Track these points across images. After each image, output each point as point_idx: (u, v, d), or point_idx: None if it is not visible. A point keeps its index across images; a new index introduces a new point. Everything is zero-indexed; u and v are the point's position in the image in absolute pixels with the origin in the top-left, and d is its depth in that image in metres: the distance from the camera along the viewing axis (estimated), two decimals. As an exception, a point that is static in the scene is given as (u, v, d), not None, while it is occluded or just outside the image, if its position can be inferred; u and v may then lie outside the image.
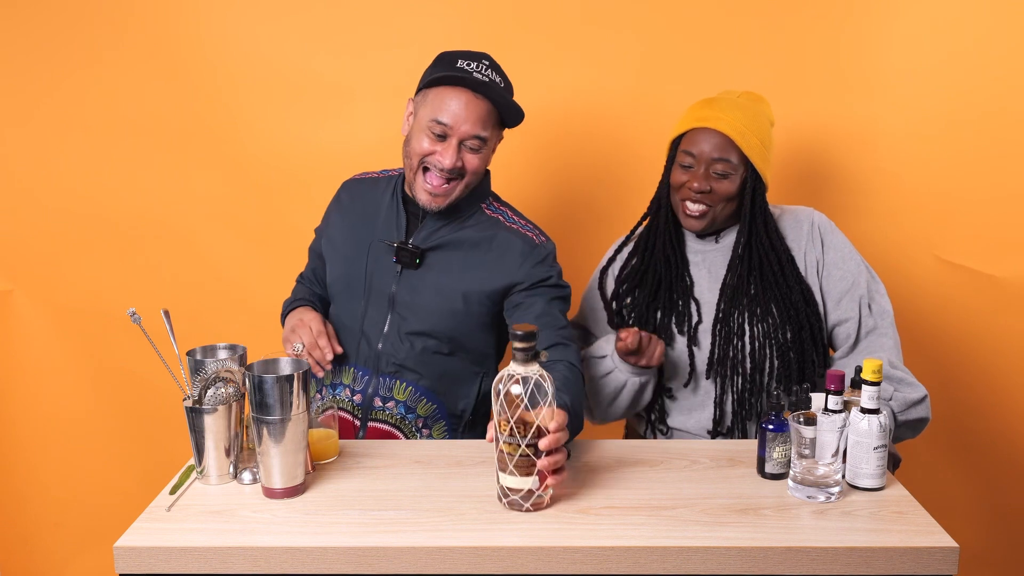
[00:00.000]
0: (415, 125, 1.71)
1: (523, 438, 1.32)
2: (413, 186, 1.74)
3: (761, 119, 1.78)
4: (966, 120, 2.19)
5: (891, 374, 1.66)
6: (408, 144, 1.73)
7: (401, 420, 1.80)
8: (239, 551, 1.27)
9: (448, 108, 1.66)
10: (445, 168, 1.68)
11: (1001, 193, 2.21)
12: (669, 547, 1.26)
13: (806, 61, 2.19)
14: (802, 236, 1.82)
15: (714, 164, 1.75)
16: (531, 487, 1.35)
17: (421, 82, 1.73)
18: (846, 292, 1.77)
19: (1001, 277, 2.23)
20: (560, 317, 1.73)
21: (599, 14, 2.19)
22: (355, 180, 1.92)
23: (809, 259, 1.80)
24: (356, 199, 1.87)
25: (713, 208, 1.77)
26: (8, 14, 2.18)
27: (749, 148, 1.74)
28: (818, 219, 1.84)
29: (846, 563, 1.26)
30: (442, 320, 1.75)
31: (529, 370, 1.33)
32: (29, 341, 2.34)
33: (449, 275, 1.75)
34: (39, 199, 2.27)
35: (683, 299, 1.83)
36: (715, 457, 1.59)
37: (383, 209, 1.82)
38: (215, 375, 1.44)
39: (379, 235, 1.79)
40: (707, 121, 1.75)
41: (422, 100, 1.71)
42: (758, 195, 1.78)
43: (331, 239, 1.87)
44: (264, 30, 2.20)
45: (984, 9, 2.14)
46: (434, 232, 1.77)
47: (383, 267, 1.78)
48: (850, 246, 1.82)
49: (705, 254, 1.85)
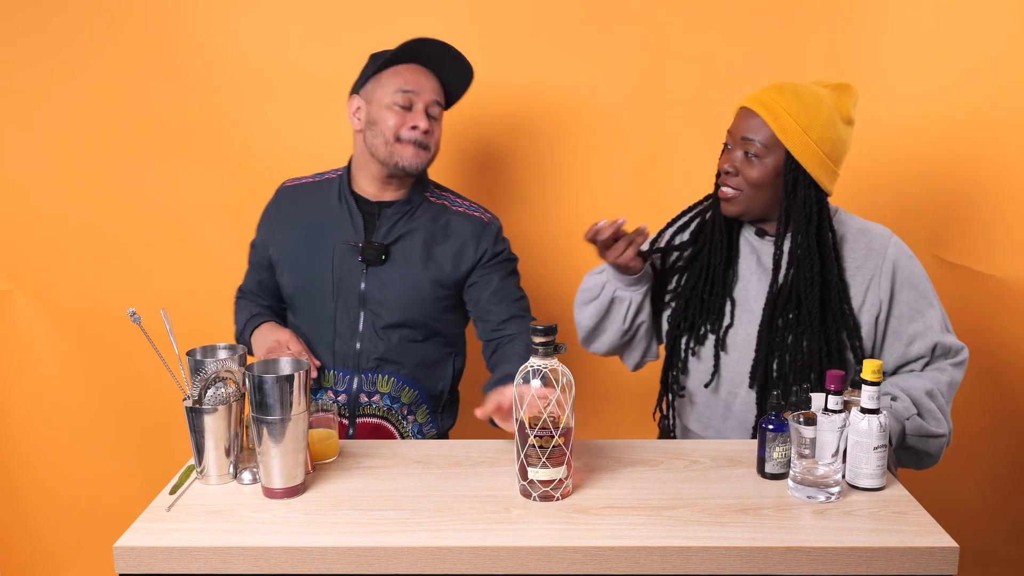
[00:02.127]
0: (373, 110, 1.79)
1: (555, 430, 1.36)
2: (391, 158, 1.79)
3: (819, 108, 1.62)
4: (966, 120, 2.18)
5: (920, 400, 1.61)
6: (375, 127, 1.79)
7: (388, 411, 1.86)
8: (239, 551, 1.27)
9: (408, 78, 1.78)
10: (420, 128, 1.77)
11: (1001, 193, 2.20)
12: (669, 547, 1.26)
13: (806, 61, 2.19)
14: (869, 268, 1.67)
15: (745, 145, 1.64)
16: (561, 476, 1.39)
17: (362, 79, 1.83)
18: (919, 335, 1.66)
19: (1001, 277, 2.23)
20: (515, 290, 1.88)
21: (599, 14, 2.19)
22: (291, 187, 1.92)
23: (871, 296, 1.67)
24: (298, 205, 1.88)
25: (744, 192, 1.65)
26: (8, 14, 2.18)
27: (784, 133, 1.60)
28: (892, 253, 1.67)
29: (846, 563, 1.26)
30: (414, 309, 1.82)
31: (551, 363, 1.37)
32: (29, 341, 2.33)
33: (413, 265, 1.82)
34: (39, 199, 2.27)
35: (720, 297, 1.72)
36: (715, 457, 1.59)
37: (332, 211, 1.85)
38: (215, 375, 1.44)
39: (335, 237, 1.83)
40: (751, 102, 1.66)
41: (374, 87, 1.80)
42: (802, 190, 1.63)
43: (283, 248, 1.87)
44: (264, 31, 2.20)
45: (984, 9, 2.14)
46: (392, 227, 1.83)
47: (348, 267, 1.82)
48: (926, 282, 1.69)
49: (762, 253, 1.73)
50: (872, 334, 1.68)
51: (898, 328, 1.68)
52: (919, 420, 1.60)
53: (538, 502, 1.40)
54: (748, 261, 1.74)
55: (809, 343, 1.65)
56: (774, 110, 1.62)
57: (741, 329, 1.72)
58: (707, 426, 1.78)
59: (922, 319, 1.67)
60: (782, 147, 1.63)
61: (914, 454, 1.65)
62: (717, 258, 1.73)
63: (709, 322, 1.73)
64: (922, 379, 1.65)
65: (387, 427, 1.87)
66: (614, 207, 2.25)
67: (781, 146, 1.63)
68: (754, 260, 1.74)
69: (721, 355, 1.73)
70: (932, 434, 1.61)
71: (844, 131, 1.66)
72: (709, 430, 1.78)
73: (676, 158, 2.24)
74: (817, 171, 1.63)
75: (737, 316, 1.72)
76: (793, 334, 1.66)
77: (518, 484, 1.43)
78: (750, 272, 1.73)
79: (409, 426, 1.89)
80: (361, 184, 1.86)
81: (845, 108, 1.66)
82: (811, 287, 1.64)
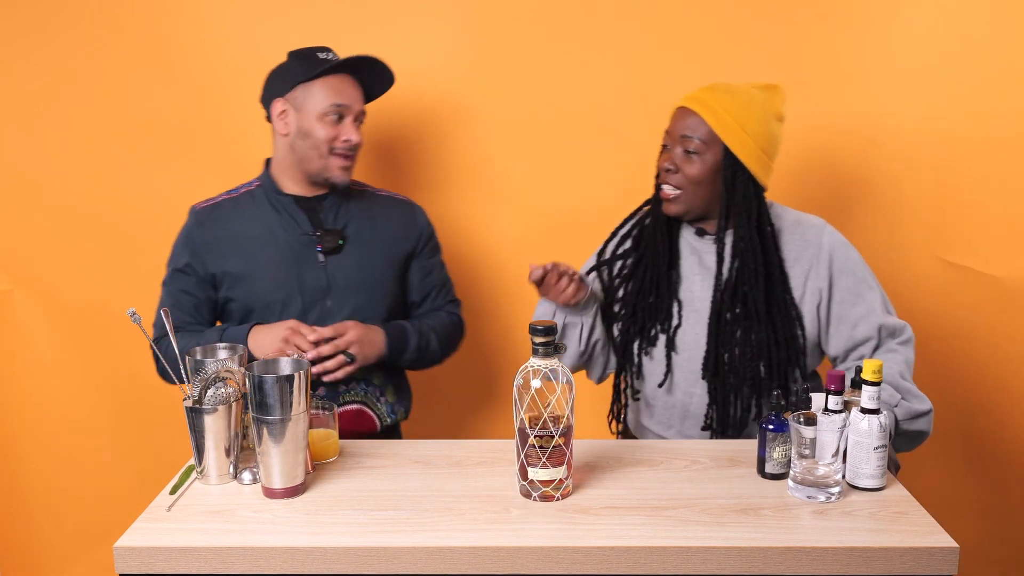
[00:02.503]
0: (304, 119, 1.82)
1: (555, 430, 1.36)
2: (323, 172, 1.84)
3: (753, 105, 1.68)
4: (966, 120, 2.18)
5: (899, 384, 1.63)
6: (308, 137, 1.82)
7: (365, 395, 1.91)
8: (239, 551, 1.27)
9: (341, 92, 1.83)
10: (354, 143, 1.84)
11: (1001, 193, 2.20)
12: (669, 547, 1.26)
13: (806, 61, 2.19)
14: (806, 259, 1.72)
15: (684, 142, 1.68)
16: (561, 476, 1.39)
17: (289, 82, 1.83)
18: (863, 318, 1.69)
19: (1002, 277, 2.23)
20: (447, 276, 2.05)
21: (598, 14, 2.19)
22: (208, 207, 1.90)
23: (811, 286, 1.71)
24: (228, 222, 1.87)
25: (685, 191, 1.69)
26: (9, 15, 2.18)
27: (722, 128, 1.65)
28: (827, 242, 1.73)
29: (846, 563, 1.26)
30: (377, 289, 1.90)
31: (551, 364, 1.37)
32: (29, 341, 2.33)
33: (367, 247, 1.90)
34: (39, 199, 2.27)
35: (667, 299, 1.76)
36: (715, 457, 1.59)
37: (270, 217, 1.87)
38: (215, 375, 1.44)
39: (284, 239, 1.85)
40: (687, 101, 1.70)
41: (303, 95, 1.82)
42: (740, 185, 1.68)
43: (230, 265, 1.85)
44: (265, 31, 2.20)
45: (984, 8, 2.14)
46: (336, 215, 1.89)
47: (305, 264, 1.85)
48: (863, 266, 1.73)
49: (703, 253, 1.77)
50: (816, 322, 1.73)
51: (841, 313, 1.72)
52: (906, 403, 1.62)
53: (538, 502, 1.40)
54: (689, 262, 1.78)
55: (757, 335, 1.69)
56: (711, 107, 1.67)
57: (689, 329, 1.75)
58: (668, 426, 1.80)
59: (863, 303, 1.71)
60: (720, 142, 1.67)
61: (908, 437, 1.66)
62: (660, 260, 1.77)
63: (658, 322, 1.77)
64: (888, 364, 1.66)
65: (366, 412, 1.91)
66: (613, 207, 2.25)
67: (719, 141, 1.67)
68: (695, 260, 1.77)
69: (673, 356, 1.76)
70: (920, 412, 1.63)
71: (776, 127, 1.72)
72: (671, 431, 1.80)
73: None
74: (754, 165, 1.68)
75: (684, 316, 1.76)
76: (741, 327, 1.70)
77: (518, 484, 1.43)
78: (692, 273, 1.77)
79: (384, 407, 1.94)
80: (287, 186, 1.89)
81: (776, 105, 1.73)
82: (755, 279, 1.69)
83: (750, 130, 1.67)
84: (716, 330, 1.71)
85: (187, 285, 1.88)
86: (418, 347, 1.91)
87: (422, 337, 1.92)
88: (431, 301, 2.01)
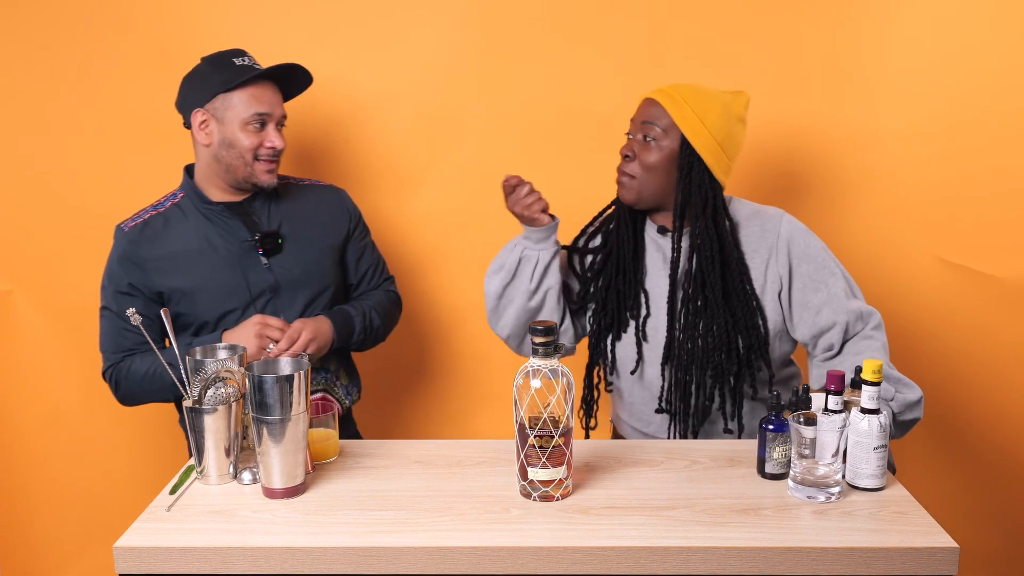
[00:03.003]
0: (227, 129, 1.81)
1: (555, 430, 1.37)
2: (249, 178, 1.84)
3: (714, 102, 1.71)
4: (966, 120, 2.18)
5: (889, 374, 1.64)
6: (232, 147, 1.82)
7: (325, 382, 1.95)
8: (239, 551, 1.27)
9: (262, 100, 1.82)
10: (279, 149, 1.84)
11: (1001, 193, 2.21)
12: (669, 547, 1.26)
13: (805, 61, 2.19)
14: (764, 248, 1.74)
15: (643, 128, 1.72)
16: (561, 476, 1.39)
17: (208, 92, 1.81)
18: (826, 303, 1.70)
19: (1002, 277, 2.23)
20: (379, 254, 2.08)
21: (597, 15, 2.19)
22: (135, 226, 1.86)
23: (771, 274, 1.73)
24: (160, 238, 1.85)
25: (638, 179, 1.73)
26: (9, 14, 2.18)
27: (681, 118, 1.69)
28: (786, 230, 1.74)
29: (846, 563, 1.26)
30: (321, 279, 1.93)
31: (551, 364, 1.37)
32: (29, 341, 2.33)
33: (305, 240, 1.92)
34: (39, 199, 2.27)
35: (634, 288, 1.79)
36: (715, 457, 1.59)
37: (204, 231, 1.86)
38: (215, 375, 1.44)
39: (224, 247, 1.85)
40: (652, 92, 1.74)
41: (224, 105, 1.81)
42: (696, 176, 1.71)
43: (174, 286, 1.83)
44: (266, 31, 2.20)
45: (984, 9, 2.14)
46: (268, 215, 1.91)
47: (250, 267, 1.86)
48: (824, 253, 1.73)
49: (664, 249, 1.80)
50: (778, 310, 1.74)
51: (803, 300, 1.73)
52: (900, 396, 1.62)
53: (538, 502, 1.40)
54: (654, 257, 1.81)
55: (717, 325, 1.71)
56: (673, 97, 1.71)
57: (658, 320, 1.78)
58: (646, 421, 1.83)
59: (825, 288, 1.72)
60: (678, 132, 1.71)
61: (902, 426, 1.66)
62: (626, 247, 1.79)
63: (627, 309, 1.80)
64: (872, 353, 1.67)
65: (329, 398, 1.95)
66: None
67: (678, 131, 1.70)
68: (660, 257, 1.80)
69: (643, 344, 1.78)
70: (913, 402, 1.63)
71: (737, 128, 1.74)
72: (651, 426, 1.83)
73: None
74: (710, 158, 1.70)
75: (651, 307, 1.79)
76: (703, 319, 1.73)
77: (518, 484, 1.43)
78: (656, 268, 1.80)
79: (341, 391, 1.99)
80: (213, 194, 1.89)
81: (738, 107, 1.75)
82: (712, 268, 1.71)
83: (708, 123, 1.70)
84: (673, 321, 1.75)
85: (132, 305, 1.71)
86: (363, 329, 1.95)
87: (365, 318, 1.96)
88: (367, 282, 2.05)
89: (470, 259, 2.28)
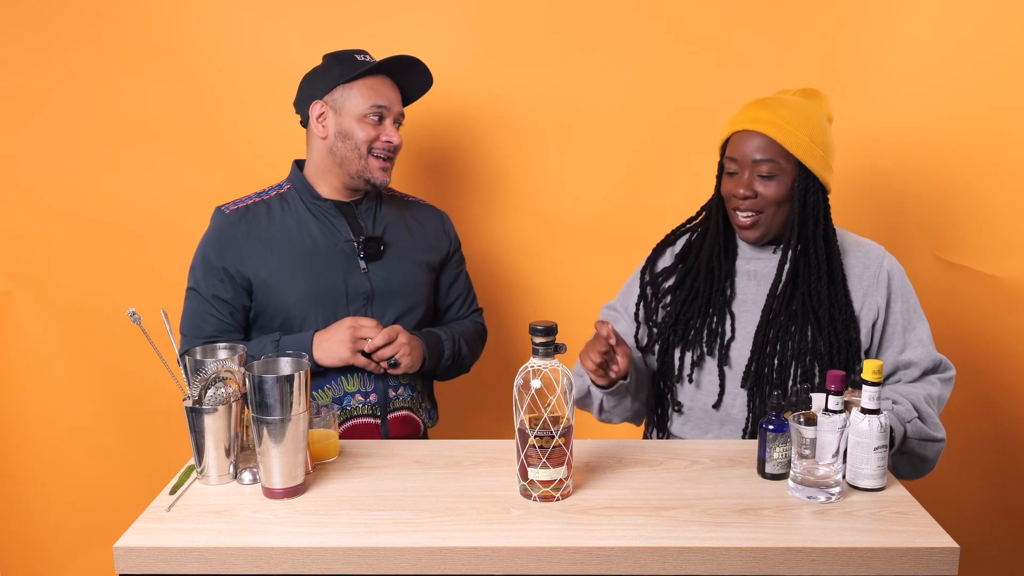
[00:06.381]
0: (344, 121, 1.81)
1: (555, 430, 1.36)
2: (363, 172, 1.82)
3: (812, 114, 1.67)
4: (966, 120, 2.18)
5: (920, 406, 1.63)
6: (348, 139, 1.81)
7: (411, 400, 1.89)
8: (239, 551, 1.27)
9: (381, 93, 1.81)
10: (395, 144, 1.83)
11: (1001, 193, 2.20)
12: (669, 547, 1.26)
13: (805, 61, 2.19)
14: (866, 276, 1.73)
15: (758, 166, 1.65)
16: (561, 476, 1.39)
17: (327, 84, 1.82)
18: (912, 344, 1.71)
19: (1002, 277, 2.23)
20: (471, 284, 2.06)
21: (597, 16, 2.19)
22: (238, 209, 1.83)
23: (869, 301, 1.71)
24: (262, 225, 1.82)
25: (763, 215, 1.68)
26: (9, 14, 2.18)
27: (795, 145, 1.64)
28: (888, 264, 1.74)
29: (846, 563, 1.26)
30: (416, 295, 1.90)
31: (551, 364, 1.38)
32: (29, 341, 2.33)
33: (406, 252, 1.89)
34: (39, 199, 2.27)
35: (719, 313, 1.74)
36: (715, 457, 1.59)
37: (306, 224, 1.83)
38: (215, 375, 1.44)
39: (325, 243, 1.82)
40: (748, 123, 1.67)
41: (343, 97, 1.81)
42: (811, 195, 1.67)
43: (268, 269, 1.79)
44: (266, 31, 2.20)
45: (984, 9, 2.14)
46: (373, 220, 1.88)
47: (348, 269, 1.82)
48: (916, 299, 1.75)
49: (760, 262, 1.76)
50: (869, 339, 1.72)
51: (892, 335, 1.73)
52: (920, 424, 1.61)
53: (538, 502, 1.40)
54: (748, 271, 1.77)
55: (813, 338, 1.68)
56: (777, 125, 1.65)
57: (741, 341, 1.73)
58: (705, 432, 1.78)
59: (915, 330, 1.73)
60: (794, 159, 1.66)
61: (912, 460, 1.65)
62: (716, 283, 1.75)
63: (707, 343, 1.74)
64: (918, 387, 1.69)
65: (413, 417, 1.90)
66: (610, 211, 2.26)
67: (793, 159, 1.66)
68: (752, 269, 1.76)
69: (726, 371, 1.73)
70: (933, 438, 1.63)
71: (830, 130, 1.73)
72: (708, 435, 1.78)
73: (672, 162, 2.24)
74: (824, 173, 1.69)
75: (737, 328, 1.74)
76: (796, 324, 1.69)
77: (518, 484, 1.43)
78: (747, 286, 1.76)
79: (424, 413, 1.94)
80: (323, 190, 1.86)
81: (826, 108, 1.74)
82: (819, 280, 1.68)
83: (818, 140, 1.66)
84: (763, 338, 1.70)
85: (222, 290, 1.79)
86: (452, 354, 1.91)
87: (455, 344, 1.92)
88: (457, 310, 2.02)
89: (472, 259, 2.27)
